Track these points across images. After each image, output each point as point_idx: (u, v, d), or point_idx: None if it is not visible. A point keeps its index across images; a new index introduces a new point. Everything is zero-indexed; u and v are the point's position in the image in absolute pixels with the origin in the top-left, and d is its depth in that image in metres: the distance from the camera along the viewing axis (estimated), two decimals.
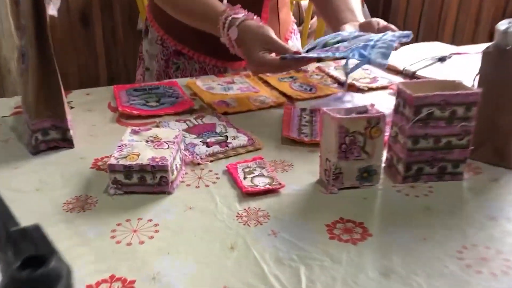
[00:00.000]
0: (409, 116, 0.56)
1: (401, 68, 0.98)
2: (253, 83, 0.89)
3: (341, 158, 0.55)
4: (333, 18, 0.96)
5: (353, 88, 0.88)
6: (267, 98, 0.83)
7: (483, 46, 0.66)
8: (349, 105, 0.78)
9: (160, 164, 0.54)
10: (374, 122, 0.56)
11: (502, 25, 0.60)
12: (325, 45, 0.79)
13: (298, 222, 0.51)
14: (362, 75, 0.95)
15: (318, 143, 0.61)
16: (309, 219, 0.52)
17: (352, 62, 0.78)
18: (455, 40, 2.03)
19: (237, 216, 0.52)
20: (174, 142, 0.59)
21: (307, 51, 0.80)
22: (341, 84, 0.90)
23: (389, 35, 0.76)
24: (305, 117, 0.76)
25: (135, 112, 0.75)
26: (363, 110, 0.59)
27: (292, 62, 0.76)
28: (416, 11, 2.22)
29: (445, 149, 0.57)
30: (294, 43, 1.13)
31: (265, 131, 0.71)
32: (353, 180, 0.57)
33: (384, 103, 0.80)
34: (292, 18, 1.16)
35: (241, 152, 0.65)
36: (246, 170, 0.60)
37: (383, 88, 0.90)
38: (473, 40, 1.94)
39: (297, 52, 0.75)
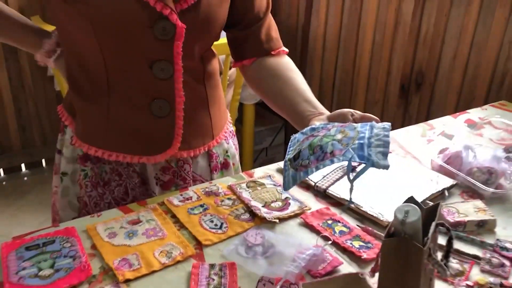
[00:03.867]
0: None
1: (312, 183, 0.97)
2: (160, 221, 0.85)
3: None
4: (290, 112, 0.94)
5: (263, 220, 0.86)
6: (174, 247, 0.78)
7: None
8: (261, 262, 0.76)
9: None
10: None
11: (399, 212, 0.60)
12: (310, 146, 0.77)
13: None
14: (274, 196, 0.93)
15: None
16: None
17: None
18: (370, 88, 2.08)
19: None
20: None
21: (295, 159, 0.78)
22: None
23: (378, 128, 0.76)
24: (213, 279, 0.72)
25: None
26: None
27: None
28: (331, 61, 2.26)
29: None
30: (230, 146, 1.09)
31: None
32: None
33: (293, 242, 0.79)
34: (229, 118, 1.11)
35: None
36: None
37: (295, 215, 0.88)
38: (386, 89, 2.00)
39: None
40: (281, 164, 1.04)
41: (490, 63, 1.59)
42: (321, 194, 0.95)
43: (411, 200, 0.65)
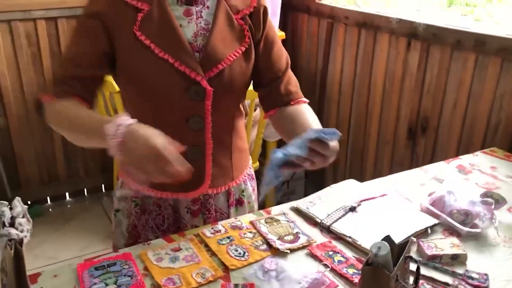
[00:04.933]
0: None
1: (318, 220, 1.18)
2: (196, 249, 1.07)
3: None
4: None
5: (277, 251, 1.08)
6: (207, 270, 1.01)
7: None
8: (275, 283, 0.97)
9: None
10: None
11: (374, 247, 0.81)
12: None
13: None
14: (287, 231, 1.15)
15: None
16: None
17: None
18: (381, 129, 2.29)
19: None
20: None
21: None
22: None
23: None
24: None
25: None
26: None
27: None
28: (347, 104, 2.49)
29: None
30: (247, 187, 1.30)
31: None
32: None
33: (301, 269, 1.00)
34: (250, 163, 1.33)
35: None
36: None
37: (303, 247, 1.10)
38: (395, 131, 2.21)
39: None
40: (295, 203, 1.26)
41: (485, 113, 1.78)
42: (325, 230, 1.16)
43: (387, 238, 0.86)
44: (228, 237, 1.12)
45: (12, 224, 0.81)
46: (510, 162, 1.53)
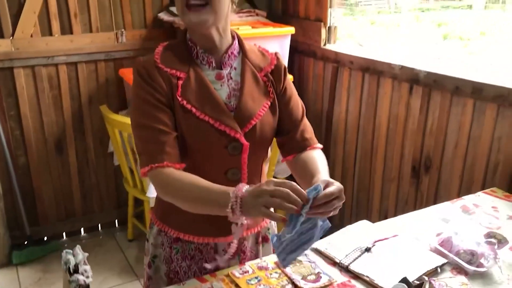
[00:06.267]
0: None
1: (337, 260, 1.29)
2: None
3: None
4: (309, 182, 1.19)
5: None
6: None
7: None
8: None
9: None
10: None
11: None
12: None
13: None
14: (310, 271, 1.26)
15: None
16: None
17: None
18: (386, 167, 2.42)
19: None
20: None
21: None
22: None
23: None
24: None
25: None
26: None
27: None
28: (352, 143, 2.62)
29: None
30: (271, 225, 1.41)
31: None
32: None
33: None
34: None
35: None
36: None
37: (325, 286, 1.20)
38: (400, 169, 2.33)
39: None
40: (315, 245, 1.37)
41: (485, 154, 1.91)
42: (344, 269, 1.27)
43: (404, 279, 0.98)
44: (256, 277, 1.23)
45: (75, 270, 0.92)
46: (509, 202, 1.65)
